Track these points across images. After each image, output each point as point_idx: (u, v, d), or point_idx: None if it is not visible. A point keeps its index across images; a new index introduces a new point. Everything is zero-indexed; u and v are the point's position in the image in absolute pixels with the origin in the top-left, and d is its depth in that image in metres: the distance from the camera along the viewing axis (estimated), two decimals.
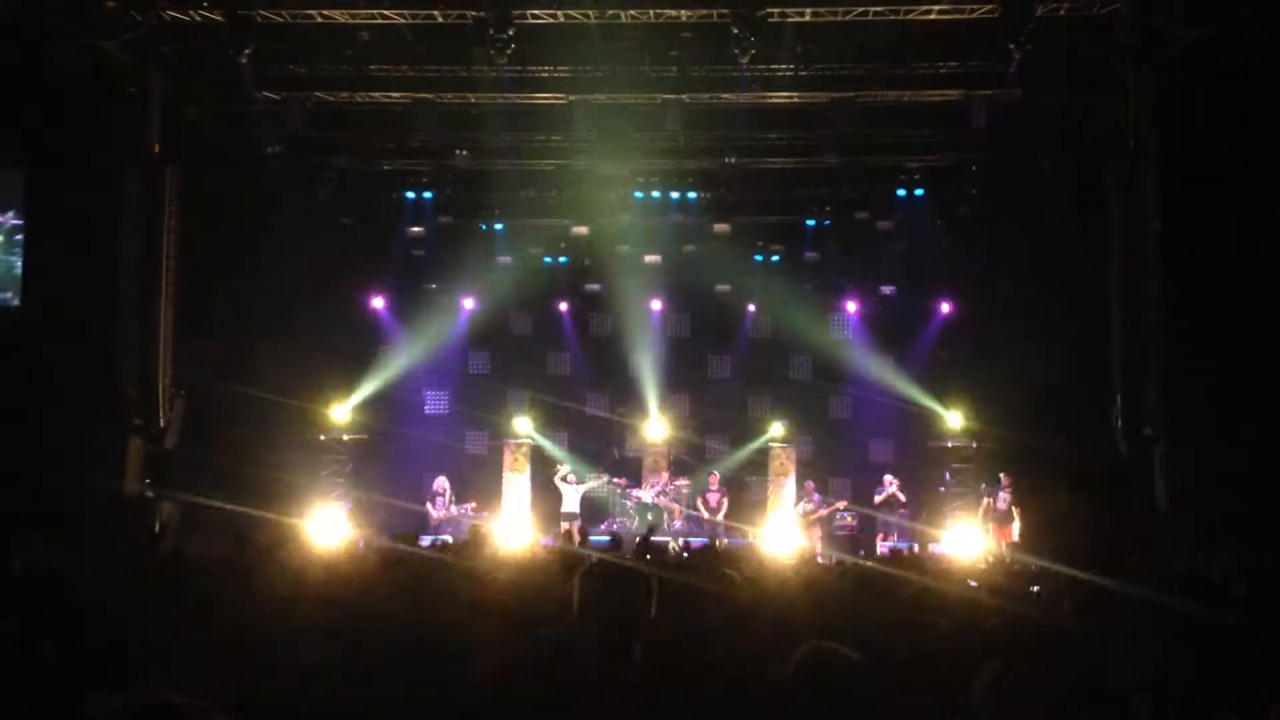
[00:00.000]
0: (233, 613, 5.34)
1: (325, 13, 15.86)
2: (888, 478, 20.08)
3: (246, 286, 18.45)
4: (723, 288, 22.28)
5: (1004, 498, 18.68)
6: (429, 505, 19.96)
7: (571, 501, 20.10)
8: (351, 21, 16.21)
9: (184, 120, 17.29)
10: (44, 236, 17.14)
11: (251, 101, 17.36)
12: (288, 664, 3.95)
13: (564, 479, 20.27)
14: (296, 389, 19.65)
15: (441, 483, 20.24)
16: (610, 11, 15.67)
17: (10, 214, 17.69)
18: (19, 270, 17.58)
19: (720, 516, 20.25)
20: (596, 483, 20.55)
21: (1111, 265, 16.57)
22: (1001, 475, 18.94)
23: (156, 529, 15.75)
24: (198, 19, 15.78)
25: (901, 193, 20.61)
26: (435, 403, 22.90)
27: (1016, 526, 18.46)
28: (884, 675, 3.84)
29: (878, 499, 19.89)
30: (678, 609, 6.52)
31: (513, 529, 19.17)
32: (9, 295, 17.73)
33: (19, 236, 17.70)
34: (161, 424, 17.03)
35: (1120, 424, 16.07)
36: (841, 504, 20.36)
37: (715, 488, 20.61)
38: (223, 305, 18.11)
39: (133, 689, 2.21)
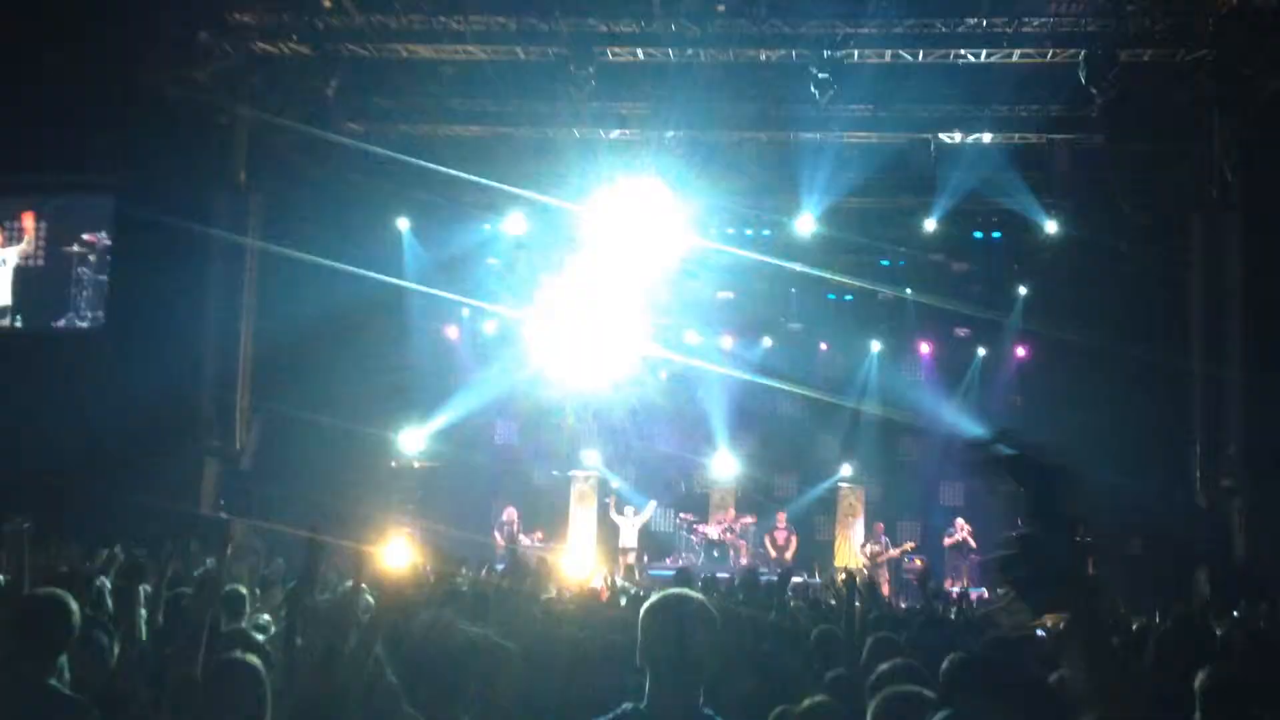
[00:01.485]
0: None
1: (410, 47, 16.19)
2: (959, 521, 19.83)
3: (325, 312, 18.72)
4: (795, 326, 22.23)
5: None
6: (496, 534, 20.04)
7: (629, 536, 20.16)
8: (435, 56, 16.51)
9: (270, 149, 17.67)
10: (131, 259, 17.56)
11: (336, 132, 17.71)
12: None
13: (619, 512, 20.39)
14: (370, 415, 19.86)
15: (511, 512, 20.33)
16: (690, 50, 15.82)
17: (102, 234, 18.14)
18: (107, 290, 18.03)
19: (789, 555, 20.13)
20: (649, 515, 20.62)
21: (1192, 314, 16.31)
22: None
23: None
24: (286, 52, 16.17)
25: (979, 235, 20.44)
26: (506, 433, 23.04)
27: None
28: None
29: (947, 542, 19.66)
30: (740, 642, 6.53)
31: (578, 560, 19.20)
32: (100, 314, 18.16)
33: (109, 257, 18.15)
34: (238, 446, 17.31)
35: (1199, 475, 15.78)
36: (910, 545, 20.16)
37: (783, 526, 20.51)
38: (300, 330, 18.38)
39: None
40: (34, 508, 5.78)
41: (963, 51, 15.59)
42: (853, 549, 20.78)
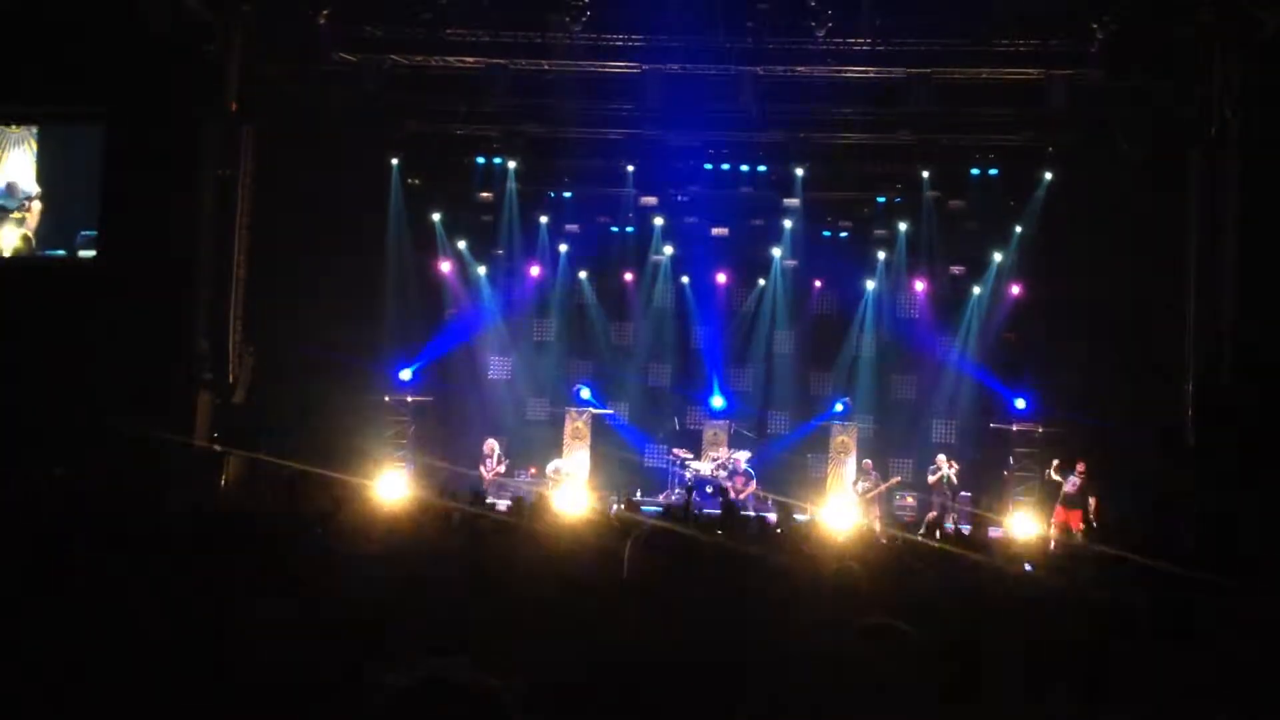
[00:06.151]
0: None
1: None
2: (941, 457, 19.74)
3: (317, 246, 18.63)
4: (790, 263, 22.17)
5: (1074, 482, 18.21)
6: (481, 468, 20.08)
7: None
8: None
9: (261, 79, 17.47)
10: (122, 189, 17.40)
11: (328, 62, 17.51)
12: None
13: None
14: (363, 349, 19.85)
15: (491, 444, 20.32)
16: None
17: None
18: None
19: (743, 497, 20.05)
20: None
21: (1189, 253, 16.26)
22: (1079, 463, 18.42)
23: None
24: None
25: (975, 172, 20.34)
26: (499, 368, 23.01)
27: (1088, 511, 17.96)
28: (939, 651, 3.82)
29: (931, 479, 19.62)
30: (728, 577, 6.54)
31: (572, 496, 19.25)
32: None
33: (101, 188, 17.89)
34: (230, 379, 17.29)
35: (1191, 413, 15.82)
36: (896, 479, 20.23)
37: (741, 470, 20.57)
38: (293, 264, 18.30)
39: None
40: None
41: None
42: (845, 487, 20.84)
